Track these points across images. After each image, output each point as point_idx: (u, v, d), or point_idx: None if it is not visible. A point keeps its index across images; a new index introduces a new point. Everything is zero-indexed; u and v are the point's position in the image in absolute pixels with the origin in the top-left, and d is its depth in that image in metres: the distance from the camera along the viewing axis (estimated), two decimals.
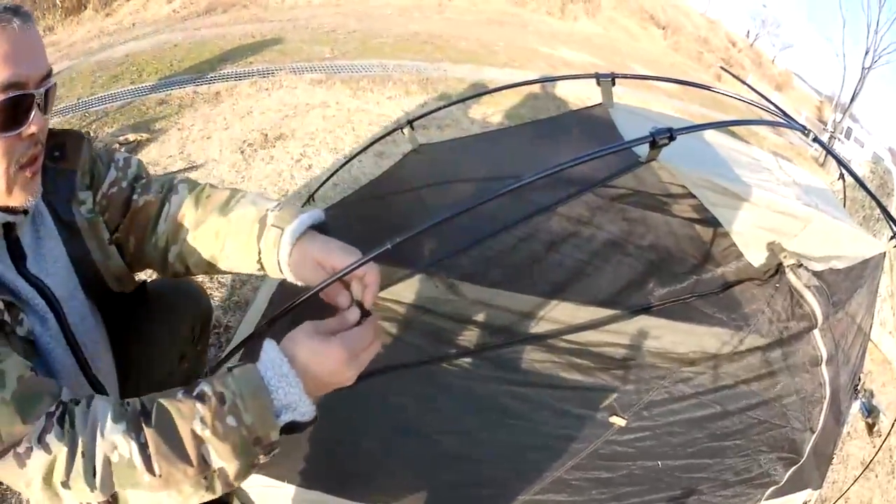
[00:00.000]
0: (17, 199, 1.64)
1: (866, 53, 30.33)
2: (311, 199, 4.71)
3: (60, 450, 1.39)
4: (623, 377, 2.67)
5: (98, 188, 2.03)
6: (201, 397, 1.46)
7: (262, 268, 1.94)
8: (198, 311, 2.77)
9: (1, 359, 1.42)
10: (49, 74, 1.64)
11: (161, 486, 1.42)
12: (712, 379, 2.70)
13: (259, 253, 1.90)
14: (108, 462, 1.41)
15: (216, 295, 4.70)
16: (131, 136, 6.74)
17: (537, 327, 2.65)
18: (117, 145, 6.46)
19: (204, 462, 1.44)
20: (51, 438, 1.39)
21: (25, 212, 1.72)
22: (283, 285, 3.37)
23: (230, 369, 1.53)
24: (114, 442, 1.41)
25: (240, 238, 1.93)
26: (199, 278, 4.75)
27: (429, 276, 2.60)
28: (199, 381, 1.52)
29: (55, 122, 7.28)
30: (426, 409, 2.71)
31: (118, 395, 2.13)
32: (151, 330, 2.44)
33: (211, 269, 2.08)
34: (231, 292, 4.74)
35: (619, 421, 2.65)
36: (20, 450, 1.38)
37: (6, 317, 1.55)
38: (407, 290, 2.58)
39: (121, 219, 2.08)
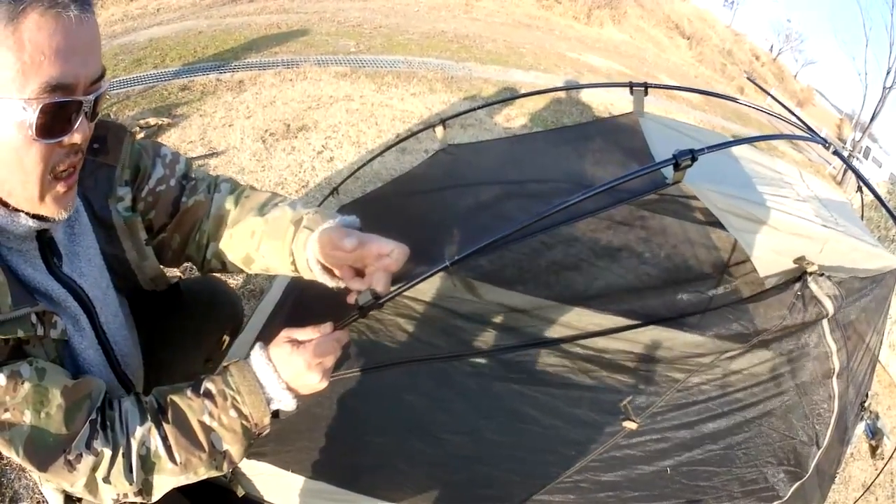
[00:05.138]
0: (49, 210, 1.57)
1: (888, 73, 30.16)
2: (335, 191, 4.72)
3: (105, 453, 1.56)
4: (635, 385, 2.68)
5: (143, 183, 2.02)
6: (208, 394, 1.70)
7: (297, 269, 2.00)
8: (230, 319, 2.83)
9: (42, 377, 1.52)
10: (101, 77, 1.52)
11: (181, 471, 1.66)
12: (725, 387, 2.70)
13: (292, 254, 1.96)
14: (139, 457, 1.61)
15: (231, 282, 4.71)
16: (152, 121, 6.77)
17: (552, 331, 2.66)
18: (137, 128, 6.50)
19: (213, 447, 1.69)
20: (97, 444, 1.56)
21: None
22: (293, 289, 3.42)
23: (226, 367, 1.76)
24: (142, 439, 1.62)
25: (275, 239, 1.99)
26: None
27: (448, 275, 2.61)
28: (202, 378, 1.76)
29: None
30: (437, 407, 2.72)
31: (143, 389, 2.19)
32: (181, 332, 2.49)
33: (247, 266, 2.13)
34: (247, 280, 4.76)
35: (631, 425, 2.66)
36: (70, 456, 1.53)
37: (39, 329, 1.57)
38: (425, 288, 2.59)
39: (168, 219, 2.09)
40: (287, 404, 1.75)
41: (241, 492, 2.79)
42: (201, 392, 1.70)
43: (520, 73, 12.25)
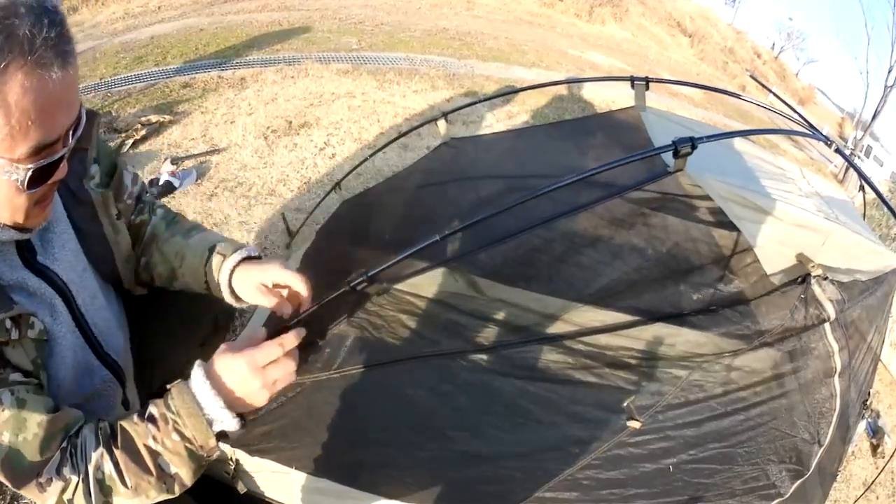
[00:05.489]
0: (30, 224, 1.70)
1: (889, 72, 30.02)
2: (337, 186, 4.71)
3: (72, 478, 1.67)
4: (637, 381, 2.68)
5: (121, 188, 2.23)
6: (151, 419, 1.73)
7: (209, 288, 2.25)
8: (224, 304, 2.82)
9: (22, 407, 1.63)
10: (79, 111, 1.61)
11: (133, 494, 1.72)
12: (726, 385, 2.70)
13: (206, 275, 2.22)
14: (96, 481, 1.69)
15: None
16: (154, 118, 6.77)
17: (554, 328, 2.66)
18: (139, 125, 6.51)
19: (161, 471, 1.73)
20: (66, 470, 1.67)
21: None
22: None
23: (169, 389, 1.78)
24: (97, 464, 1.69)
25: (193, 260, 2.23)
26: None
27: (450, 272, 2.61)
28: (148, 402, 1.78)
29: None
30: (440, 404, 2.72)
31: (132, 372, 2.36)
32: (174, 318, 2.57)
33: (171, 282, 2.33)
34: None
35: (634, 423, 2.66)
36: (42, 480, 1.65)
37: (14, 333, 1.67)
38: (427, 285, 2.59)
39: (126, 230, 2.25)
40: (229, 424, 1.77)
41: (242, 489, 2.80)
42: (146, 417, 1.73)
43: (522, 71, 12.24)
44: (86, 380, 2.01)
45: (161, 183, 5.62)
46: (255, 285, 2.11)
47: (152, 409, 1.73)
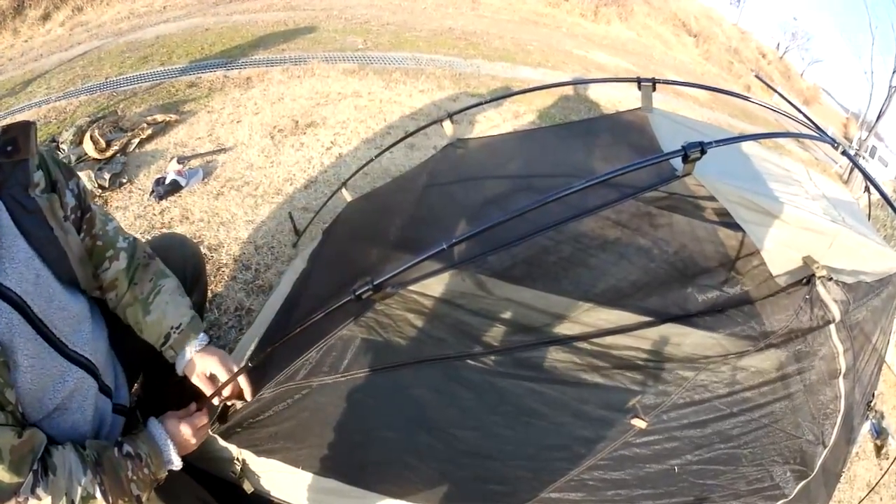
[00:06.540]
0: None
1: (894, 72, 29.91)
2: (343, 185, 4.70)
3: (47, 496, 2.00)
4: (643, 381, 2.68)
5: (62, 201, 2.29)
6: (129, 455, 2.28)
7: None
8: (184, 260, 2.99)
9: None
10: None
11: None
12: (731, 386, 2.70)
13: (161, 350, 2.63)
14: (81, 498, 2.09)
15: (240, 277, 4.77)
16: (160, 117, 6.79)
17: (562, 328, 2.66)
18: (145, 125, 6.53)
19: (132, 492, 2.24)
20: (39, 490, 1.98)
21: None
22: (301, 285, 3.46)
23: (137, 434, 2.41)
24: (85, 486, 2.10)
25: (150, 338, 2.63)
26: (223, 255, 4.79)
27: (457, 271, 2.61)
28: (124, 441, 2.33)
29: (82, 99, 7.37)
30: (446, 403, 2.72)
31: (107, 358, 2.58)
32: None
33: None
34: (255, 276, 4.79)
35: (640, 423, 2.66)
36: (20, 499, 1.95)
37: None
38: (435, 284, 2.59)
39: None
40: (177, 464, 2.45)
41: (249, 488, 2.82)
42: (125, 454, 2.27)
43: (528, 70, 12.24)
44: (58, 384, 2.18)
45: (167, 182, 5.64)
46: (198, 373, 2.62)
47: (129, 447, 2.30)
